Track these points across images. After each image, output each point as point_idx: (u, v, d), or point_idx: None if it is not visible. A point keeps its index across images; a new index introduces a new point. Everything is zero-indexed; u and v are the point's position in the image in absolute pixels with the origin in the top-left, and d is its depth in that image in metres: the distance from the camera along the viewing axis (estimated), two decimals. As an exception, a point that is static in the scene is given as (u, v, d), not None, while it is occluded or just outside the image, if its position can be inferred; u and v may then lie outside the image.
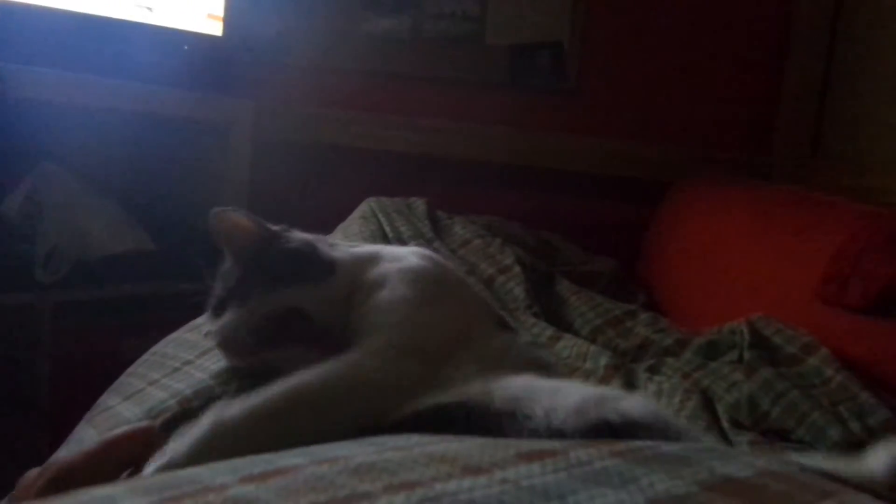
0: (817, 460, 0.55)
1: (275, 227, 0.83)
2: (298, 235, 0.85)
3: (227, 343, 0.79)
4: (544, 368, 0.75)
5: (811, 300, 1.27)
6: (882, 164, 1.75)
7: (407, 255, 0.88)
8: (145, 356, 1.08)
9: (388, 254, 0.88)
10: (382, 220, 1.55)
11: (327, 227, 1.59)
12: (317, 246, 0.83)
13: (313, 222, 1.58)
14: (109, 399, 0.97)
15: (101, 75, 1.66)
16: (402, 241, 1.49)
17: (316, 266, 0.80)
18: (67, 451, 0.85)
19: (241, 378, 0.82)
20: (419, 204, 1.69)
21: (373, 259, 0.86)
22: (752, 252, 1.52)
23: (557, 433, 0.56)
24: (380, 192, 1.70)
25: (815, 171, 2.02)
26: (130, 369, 1.06)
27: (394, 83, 2.12)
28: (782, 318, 1.28)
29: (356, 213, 1.60)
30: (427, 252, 0.94)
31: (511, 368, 0.71)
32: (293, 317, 0.77)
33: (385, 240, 1.48)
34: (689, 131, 2.16)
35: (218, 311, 0.79)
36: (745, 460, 0.42)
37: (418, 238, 1.52)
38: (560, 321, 1.38)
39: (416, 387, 0.68)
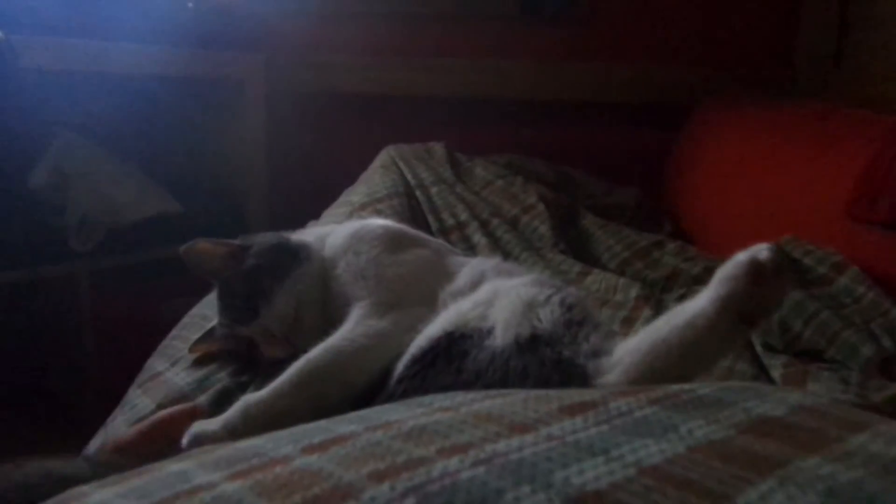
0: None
1: (235, 241, 0.91)
2: (264, 235, 0.93)
3: (285, 326, 0.85)
4: (514, 274, 0.82)
5: (840, 218, 1.27)
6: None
7: (360, 223, 0.97)
8: (185, 319, 1.12)
9: (340, 227, 0.96)
10: (403, 167, 1.55)
11: (348, 176, 1.59)
12: (287, 237, 0.93)
13: (332, 172, 1.60)
14: (157, 363, 1.01)
15: (109, 40, 1.65)
16: (423, 188, 1.49)
17: (295, 252, 0.88)
18: (123, 416, 0.90)
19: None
20: (438, 148, 1.68)
21: (329, 234, 0.94)
22: (777, 172, 1.51)
23: (500, 350, 0.65)
24: (396, 139, 1.69)
25: (838, 82, 1.96)
26: (174, 332, 1.10)
27: (400, 23, 2.08)
28: (811, 237, 1.27)
29: (376, 163, 1.59)
30: (379, 218, 1.08)
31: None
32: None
33: (407, 187, 1.48)
34: (706, 50, 2.10)
35: (249, 316, 0.86)
36: (778, 397, 0.43)
37: (440, 183, 1.52)
38: (587, 256, 1.39)
39: (409, 333, 0.75)
